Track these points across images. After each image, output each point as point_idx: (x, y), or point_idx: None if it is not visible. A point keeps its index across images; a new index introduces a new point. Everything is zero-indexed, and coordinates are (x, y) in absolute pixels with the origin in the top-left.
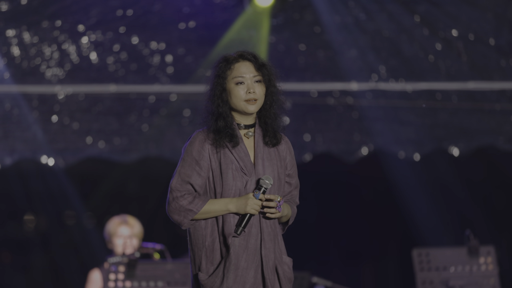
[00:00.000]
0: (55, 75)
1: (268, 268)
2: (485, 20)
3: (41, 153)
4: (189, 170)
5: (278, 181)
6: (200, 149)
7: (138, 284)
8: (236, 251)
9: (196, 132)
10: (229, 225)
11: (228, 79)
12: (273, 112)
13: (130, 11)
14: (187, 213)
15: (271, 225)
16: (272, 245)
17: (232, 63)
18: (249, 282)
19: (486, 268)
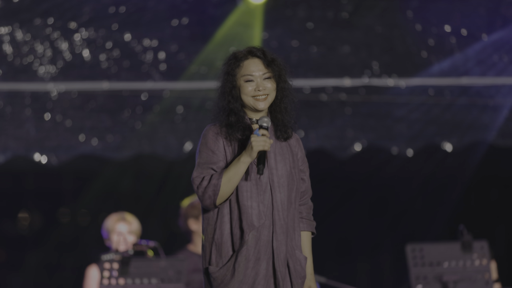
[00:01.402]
0: (48, 72)
1: (279, 260)
2: (476, 14)
3: (34, 150)
4: (207, 157)
5: (290, 175)
6: (215, 141)
7: (132, 281)
8: (249, 245)
9: (208, 127)
10: (248, 217)
11: (238, 76)
12: (283, 107)
13: (122, 8)
14: (212, 189)
15: (284, 218)
16: (284, 238)
17: (241, 60)
18: (261, 274)
19: (480, 263)
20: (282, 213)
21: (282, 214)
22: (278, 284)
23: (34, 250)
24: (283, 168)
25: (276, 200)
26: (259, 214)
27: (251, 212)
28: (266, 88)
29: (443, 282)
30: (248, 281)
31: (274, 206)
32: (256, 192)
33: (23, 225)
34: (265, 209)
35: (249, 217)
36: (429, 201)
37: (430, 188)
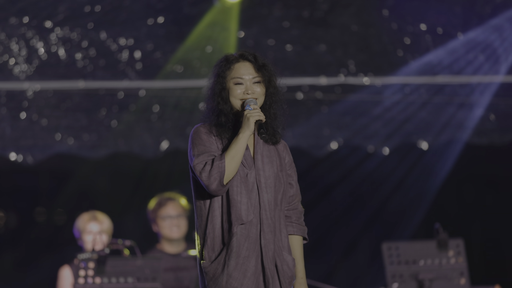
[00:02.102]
0: (23, 71)
1: (268, 258)
2: (452, 13)
3: (10, 149)
4: (204, 147)
5: (277, 177)
6: (208, 136)
7: (108, 280)
8: (238, 239)
9: (197, 126)
10: (236, 211)
11: (228, 78)
12: (272, 113)
13: (98, 7)
14: (218, 170)
15: (271, 218)
16: (271, 236)
17: (232, 63)
18: (250, 271)
19: (456, 261)
20: (269, 212)
21: (269, 214)
22: (268, 281)
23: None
24: (270, 169)
25: (263, 200)
26: (247, 209)
27: (240, 206)
28: (255, 92)
29: (419, 280)
30: (238, 277)
31: (261, 206)
32: (245, 189)
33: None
34: (252, 206)
35: (238, 211)
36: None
37: (406, 186)
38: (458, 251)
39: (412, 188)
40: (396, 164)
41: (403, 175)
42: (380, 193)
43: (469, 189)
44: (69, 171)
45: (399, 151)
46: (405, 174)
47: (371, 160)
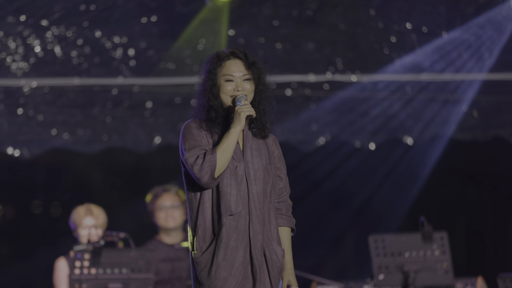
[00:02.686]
0: (20, 68)
1: (256, 248)
2: (436, 12)
3: (7, 144)
4: (195, 141)
5: (266, 170)
6: (198, 131)
7: (103, 271)
8: (227, 230)
9: (188, 121)
10: (226, 202)
11: (219, 75)
12: (262, 109)
13: (93, 6)
14: (209, 164)
15: (260, 209)
16: (260, 228)
17: (223, 60)
18: (238, 261)
19: (440, 253)
20: (258, 204)
21: (258, 205)
22: (255, 271)
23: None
24: (259, 162)
25: (252, 191)
26: (236, 201)
27: (230, 198)
28: (245, 89)
29: (404, 271)
30: (226, 267)
31: (250, 197)
32: (235, 181)
33: None
34: (241, 198)
35: (227, 202)
36: (391, 193)
37: (392, 180)
38: (442, 244)
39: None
40: (382, 159)
41: (389, 170)
42: (367, 187)
43: (453, 184)
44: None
45: (385, 146)
46: (391, 169)
47: (358, 155)
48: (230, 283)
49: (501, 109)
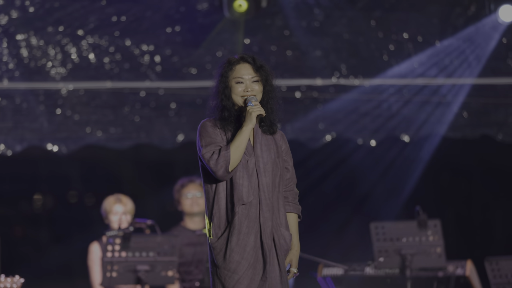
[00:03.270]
0: (59, 73)
1: (266, 234)
2: (430, 23)
3: (47, 141)
4: (210, 138)
5: (274, 163)
6: (213, 129)
7: (132, 255)
8: (240, 218)
9: (203, 120)
10: (238, 193)
11: (230, 78)
12: (270, 107)
13: (123, 17)
14: (224, 159)
15: (269, 198)
16: (269, 215)
17: (233, 64)
18: (249, 245)
19: (433, 239)
20: (268, 194)
21: (267, 195)
22: (265, 254)
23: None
24: (268, 156)
25: (262, 183)
26: (248, 191)
27: (242, 189)
28: (254, 89)
29: (401, 255)
30: (239, 251)
31: (260, 188)
32: (246, 173)
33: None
34: (252, 189)
35: (240, 193)
36: (390, 185)
37: (391, 174)
38: (436, 230)
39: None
40: (382, 155)
41: (388, 164)
42: (368, 180)
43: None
44: (97, 159)
45: (385, 143)
46: (390, 164)
47: (360, 151)
48: (243, 266)
49: (488, 110)
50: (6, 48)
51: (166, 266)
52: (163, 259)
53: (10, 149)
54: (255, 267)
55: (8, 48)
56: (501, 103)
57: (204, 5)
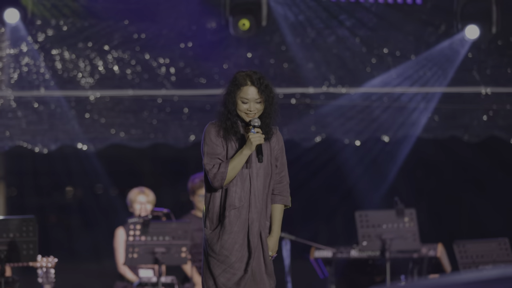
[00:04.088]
0: (88, 82)
1: (253, 233)
2: (407, 40)
3: (77, 141)
4: (212, 148)
5: (267, 167)
6: (216, 136)
7: (151, 238)
8: (231, 220)
9: (209, 124)
10: (231, 199)
11: (237, 96)
12: (269, 116)
13: (143, 35)
14: (221, 176)
15: (259, 201)
16: (257, 217)
17: (242, 85)
18: (238, 243)
19: (409, 225)
20: (258, 197)
21: (258, 198)
22: (251, 251)
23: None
24: (261, 163)
25: (254, 187)
26: (240, 198)
27: (234, 196)
28: (256, 109)
29: (382, 239)
30: (228, 247)
31: (251, 192)
32: (240, 181)
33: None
34: (244, 194)
35: (232, 199)
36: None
37: (373, 169)
38: (411, 218)
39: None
40: (365, 153)
41: (370, 161)
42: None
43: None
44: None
45: (368, 143)
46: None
47: (347, 150)
48: (230, 259)
49: (456, 115)
50: (43, 61)
51: (179, 248)
52: (177, 243)
53: (46, 147)
54: (241, 261)
55: (44, 61)
56: (467, 109)
57: (213, 24)
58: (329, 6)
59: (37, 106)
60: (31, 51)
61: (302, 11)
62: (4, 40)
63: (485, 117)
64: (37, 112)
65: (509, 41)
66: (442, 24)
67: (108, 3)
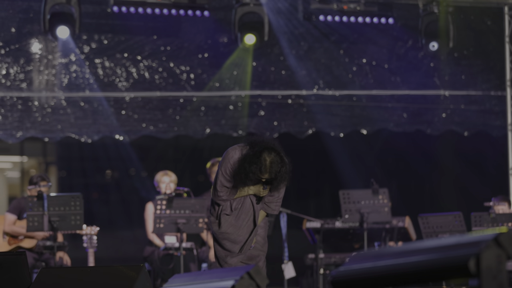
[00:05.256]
0: (123, 85)
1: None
2: (381, 52)
3: (115, 132)
4: (225, 181)
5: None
6: (232, 172)
7: (174, 212)
8: (225, 218)
9: (233, 152)
10: (225, 207)
11: (255, 179)
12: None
13: (168, 47)
14: (223, 203)
15: (256, 211)
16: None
17: (259, 178)
18: (239, 226)
19: (383, 202)
20: (253, 201)
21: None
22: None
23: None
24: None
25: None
26: (231, 207)
27: (227, 205)
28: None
29: (360, 213)
30: (228, 230)
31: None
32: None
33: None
34: (237, 205)
35: (226, 208)
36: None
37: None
38: (384, 196)
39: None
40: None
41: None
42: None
43: (391, 159)
44: (150, 145)
45: (350, 135)
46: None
47: (333, 141)
48: (229, 242)
49: (421, 112)
50: (87, 68)
51: (197, 220)
52: (195, 215)
53: (90, 138)
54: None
55: (89, 68)
56: (429, 108)
57: (225, 39)
58: (318, 25)
59: (83, 105)
60: (78, 60)
61: (297, 28)
62: (57, 52)
63: (444, 115)
64: (83, 110)
65: (463, 53)
66: (409, 39)
67: (140, 22)
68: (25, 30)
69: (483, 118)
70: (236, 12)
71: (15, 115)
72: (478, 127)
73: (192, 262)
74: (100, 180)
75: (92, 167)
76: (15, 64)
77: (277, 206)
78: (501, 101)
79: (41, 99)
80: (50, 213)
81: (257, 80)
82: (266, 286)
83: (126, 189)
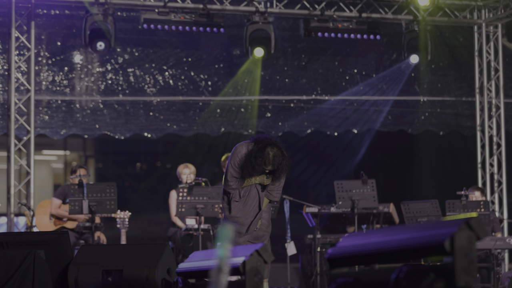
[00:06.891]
0: (151, 91)
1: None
2: (370, 64)
3: (144, 131)
4: (235, 173)
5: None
6: (240, 164)
7: (194, 198)
8: (236, 205)
9: (241, 147)
10: (235, 195)
11: (260, 170)
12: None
13: (190, 59)
14: (233, 190)
15: (261, 199)
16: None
17: (264, 169)
18: (246, 211)
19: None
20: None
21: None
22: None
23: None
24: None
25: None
26: (239, 194)
27: (236, 193)
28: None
29: (352, 200)
30: (237, 214)
31: (259, 192)
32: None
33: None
34: (245, 193)
35: (236, 195)
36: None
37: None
38: (373, 186)
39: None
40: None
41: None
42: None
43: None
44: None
45: (343, 134)
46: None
47: (328, 139)
48: (239, 222)
49: (403, 115)
50: (121, 76)
51: (213, 205)
52: (212, 201)
53: (123, 135)
54: (245, 224)
55: (122, 76)
56: (410, 111)
57: (237, 51)
58: (317, 40)
59: (117, 107)
60: (113, 69)
61: (299, 43)
62: (95, 62)
63: (423, 117)
64: (117, 111)
65: (439, 65)
66: (394, 53)
67: (166, 37)
68: (69, 44)
69: (456, 120)
70: (247, 29)
71: (60, 115)
72: (452, 127)
73: (209, 241)
74: (131, 171)
75: (124, 160)
76: (60, 72)
77: (278, 193)
78: (471, 106)
79: (81, 102)
80: (89, 198)
81: (265, 86)
82: (271, 262)
83: (153, 179)
